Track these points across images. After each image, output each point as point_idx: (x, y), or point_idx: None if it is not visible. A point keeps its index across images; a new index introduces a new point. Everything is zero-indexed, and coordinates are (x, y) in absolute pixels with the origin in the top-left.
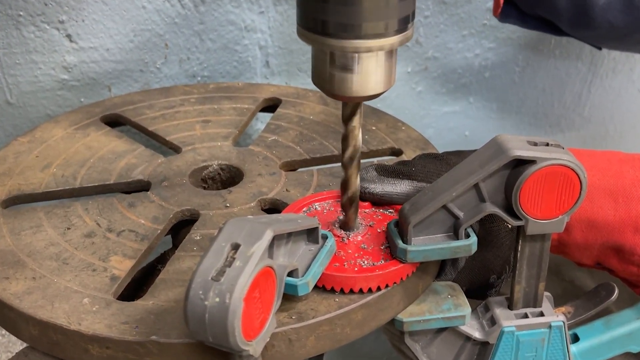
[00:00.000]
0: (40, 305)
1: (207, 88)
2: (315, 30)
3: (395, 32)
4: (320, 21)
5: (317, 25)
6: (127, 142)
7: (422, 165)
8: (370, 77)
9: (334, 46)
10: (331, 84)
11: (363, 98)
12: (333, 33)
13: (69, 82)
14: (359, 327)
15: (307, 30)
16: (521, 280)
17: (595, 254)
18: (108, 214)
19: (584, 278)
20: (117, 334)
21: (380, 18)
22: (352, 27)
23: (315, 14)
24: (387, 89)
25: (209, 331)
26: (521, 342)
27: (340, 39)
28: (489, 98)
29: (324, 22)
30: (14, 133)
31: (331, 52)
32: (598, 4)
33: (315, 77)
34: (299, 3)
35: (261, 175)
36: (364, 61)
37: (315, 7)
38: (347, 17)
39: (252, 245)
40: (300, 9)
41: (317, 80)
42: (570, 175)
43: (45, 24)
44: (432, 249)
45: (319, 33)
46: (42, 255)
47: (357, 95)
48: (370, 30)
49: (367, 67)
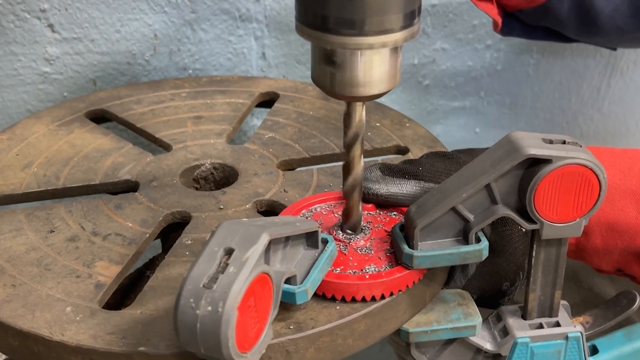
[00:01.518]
0: (20, 314)
1: (199, 82)
2: (315, 26)
3: (400, 27)
4: (320, 16)
5: (317, 21)
6: (113, 139)
7: (430, 165)
8: (374, 76)
9: (335, 43)
10: (332, 82)
11: (366, 98)
12: (334, 29)
13: (51, 75)
14: (362, 338)
15: (307, 26)
16: (536, 288)
17: (616, 259)
18: (93, 217)
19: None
20: (103, 345)
21: (384, 13)
22: (354, 23)
23: (315, 9)
24: (392, 88)
25: (201, 342)
26: (536, 355)
27: (341, 35)
28: (501, 92)
29: (324, 17)
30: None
31: (332, 50)
32: (604, 12)
33: (315, 75)
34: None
35: (257, 175)
36: (366, 59)
37: (315, 1)
38: (349, 12)
39: (247, 250)
40: (299, 3)
41: (318, 79)
42: (588, 175)
43: (26, 12)
44: (440, 255)
45: (319, 29)
46: (23, 260)
47: (360, 95)
48: (374, 26)
49: (370, 65)
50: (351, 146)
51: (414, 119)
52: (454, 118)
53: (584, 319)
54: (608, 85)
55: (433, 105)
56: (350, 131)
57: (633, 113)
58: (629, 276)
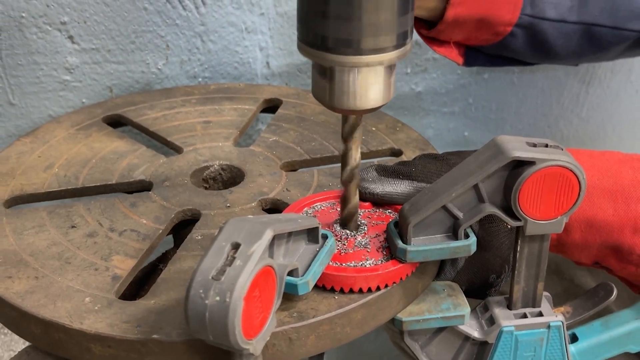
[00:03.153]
0: (42, 304)
1: (208, 89)
2: (316, 46)
3: (393, 47)
4: (320, 36)
5: (318, 41)
6: (128, 142)
7: (422, 166)
8: (370, 91)
9: (333, 61)
10: (331, 97)
11: (362, 111)
12: (333, 48)
13: (71, 83)
14: (359, 327)
15: (308, 45)
16: (520, 280)
17: (594, 253)
18: (110, 214)
19: (584, 277)
20: (119, 332)
21: (379, 34)
22: (351, 43)
23: (316, 30)
24: (386, 102)
25: (210, 330)
26: (520, 342)
27: (339, 54)
28: (488, 99)
29: (323, 37)
30: (17, 133)
31: (331, 67)
32: (557, 44)
33: (316, 91)
34: (299, 19)
35: (262, 175)
36: (363, 76)
37: (316, 23)
38: (347, 33)
39: (252, 245)
40: (301, 24)
41: (318, 94)
42: (569, 176)
43: (48, 25)
44: (431, 249)
45: (319, 48)
46: (45, 254)
47: (357, 109)
48: (370, 46)
49: (366, 82)
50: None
51: (407, 124)
52: (444, 122)
53: (565, 309)
54: (587, 92)
55: (425, 111)
56: (348, 143)
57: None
58: (606, 268)
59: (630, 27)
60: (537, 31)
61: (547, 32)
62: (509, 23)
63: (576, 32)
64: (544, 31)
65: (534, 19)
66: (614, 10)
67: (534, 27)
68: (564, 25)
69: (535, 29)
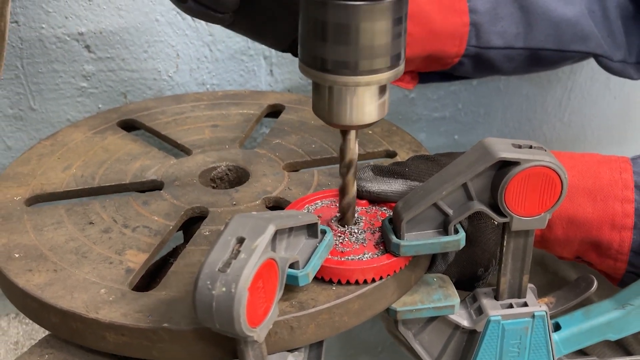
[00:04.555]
0: (60, 295)
1: (216, 95)
2: (316, 67)
3: (387, 68)
4: (320, 59)
5: (317, 63)
6: (141, 145)
7: (415, 166)
8: (365, 109)
9: (332, 81)
10: (330, 114)
11: (358, 127)
12: (332, 69)
13: (88, 89)
14: (356, 316)
15: (308, 66)
16: (506, 273)
17: (575, 248)
18: (124, 211)
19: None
20: (132, 322)
21: (374, 56)
22: (348, 65)
23: (316, 53)
24: (380, 118)
25: (216, 319)
26: (506, 331)
27: (338, 74)
28: (476, 104)
29: (323, 60)
30: (37, 137)
31: (330, 87)
32: (504, 67)
33: (315, 108)
34: (301, 43)
35: (266, 175)
36: (359, 94)
37: (316, 46)
38: (344, 56)
39: (256, 239)
40: (303, 47)
41: (317, 111)
42: (552, 175)
43: (66, 35)
44: (423, 244)
45: (319, 69)
46: (63, 249)
47: (353, 124)
48: (365, 67)
49: (362, 100)
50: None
51: (401, 127)
52: (435, 126)
53: (549, 300)
54: (568, 98)
55: (417, 115)
56: (346, 157)
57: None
58: (587, 262)
59: (574, 48)
60: (484, 59)
61: (494, 58)
62: (456, 55)
63: (522, 55)
64: (491, 58)
65: (481, 49)
66: (558, 34)
67: (481, 55)
68: (510, 52)
69: (482, 57)
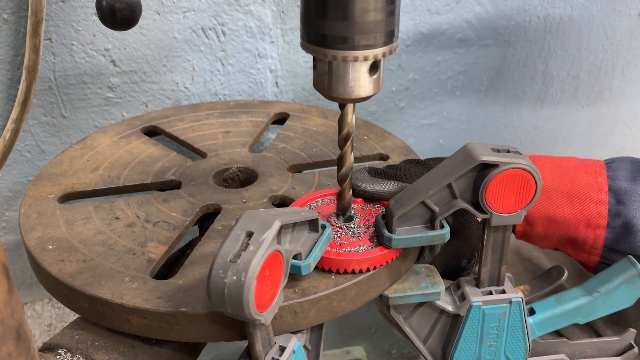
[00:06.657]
0: (89, 282)
1: (228, 104)
2: (316, 43)
3: (382, 43)
4: (320, 35)
5: (317, 38)
6: (162, 148)
7: (406, 169)
8: (362, 82)
9: (331, 55)
10: (329, 88)
11: (356, 100)
12: (330, 44)
13: (113, 99)
14: (352, 302)
15: (309, 42)
16: (487, 263)
17: (554, 243)
18: (146, 208)
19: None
20: (153, 306)
21: (369, 32)
22: (346, 40)
23: (316, 29)
24: (376, 92)
25: (228, 304)
26: (486, 315)
27: (336, 49)
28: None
29: (323, 35)
30: (68, 141)
31: (329, 62)
32: None
33: (316, 82)
34: (302, 20)
35: (272, 176)
36: (356, 68)
37: (316, 23)
38: (342, 31)
39: (264, 233)
40: (303, 25)
41: (317, 85)
42: (527, 177)
43: (94, 51)
44: (412, 237)
45: (319, 45)
46: (91, 242)
47: (351, 97)
48: (362, 42)
49: (359, 74)
50: (344, 143)
51: (392, 133)
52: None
53: (524, 287)
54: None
55: (407, 123)
56: (344, 129)
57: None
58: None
59: None
60: None
61: None
62: None
63: None
64: None
65: None
66: None
67: None
68: None
69: None
